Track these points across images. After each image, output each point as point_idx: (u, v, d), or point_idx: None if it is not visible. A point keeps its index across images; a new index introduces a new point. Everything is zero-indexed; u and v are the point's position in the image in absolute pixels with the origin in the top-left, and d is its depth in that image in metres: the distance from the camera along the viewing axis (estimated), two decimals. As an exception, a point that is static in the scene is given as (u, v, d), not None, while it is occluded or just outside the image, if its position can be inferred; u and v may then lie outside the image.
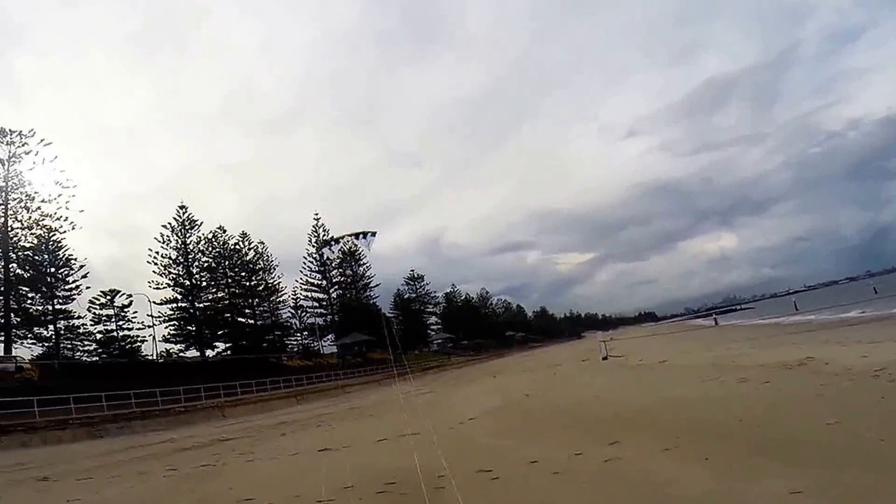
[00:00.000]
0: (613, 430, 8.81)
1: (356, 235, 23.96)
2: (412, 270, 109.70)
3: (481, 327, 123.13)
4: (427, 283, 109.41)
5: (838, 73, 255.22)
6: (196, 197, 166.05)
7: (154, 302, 58.45)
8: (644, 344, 41.14)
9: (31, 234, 47.78)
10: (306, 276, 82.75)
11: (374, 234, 23.93)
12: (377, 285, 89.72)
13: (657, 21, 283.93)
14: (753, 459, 5.97)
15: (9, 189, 46.24)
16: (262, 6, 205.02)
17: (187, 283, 62.51)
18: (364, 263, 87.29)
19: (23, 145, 46.72)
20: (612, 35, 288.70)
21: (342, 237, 35.06)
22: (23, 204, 47.06)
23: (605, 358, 29.17)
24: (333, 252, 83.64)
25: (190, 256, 63.48)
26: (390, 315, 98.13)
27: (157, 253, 61.53)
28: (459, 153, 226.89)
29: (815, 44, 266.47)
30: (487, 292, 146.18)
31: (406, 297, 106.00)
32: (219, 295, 66.28)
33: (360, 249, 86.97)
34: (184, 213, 63.82)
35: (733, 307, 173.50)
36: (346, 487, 7.56)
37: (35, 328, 47.69)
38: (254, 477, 9.83)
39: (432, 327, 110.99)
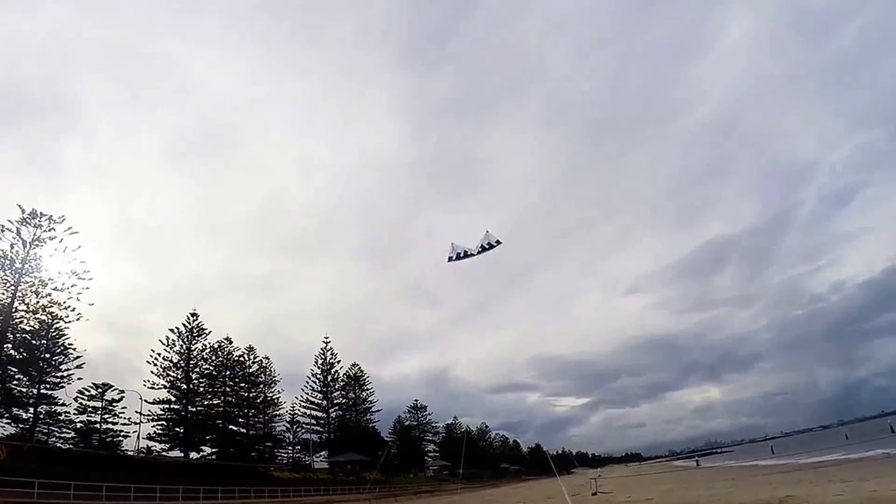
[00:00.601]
0: None
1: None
2: (416, 400, 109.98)
3: (478, 458, 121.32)
4: (429, 413, 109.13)
5: (829, 236, 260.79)
6: (208, 303, 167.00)
7: (146, 401, 56.77)
8: (630, 482, 42.12)
9: (35, 318, 46.63)
10: (307, 394, 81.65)
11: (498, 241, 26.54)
12: (379, 410, 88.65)
13: (666, 183, 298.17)
14: None
15: (24, 272, 45.58)
16: (304, 126, 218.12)
17: (184, 387, 60.83)
18: (368, 388, 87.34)
19: (49, 230, 46.59)
20: (624, 195, 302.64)
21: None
22: (34, 288, 46.29)
23: (594, 493, 29.60)
24: (338, 374, 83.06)
25: (192, 362, 62.40)
26: (388, 439, 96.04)
27: (159, 355, 60.33)
28: (473, 297, 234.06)
29: (810, 207, 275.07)
30: (486, 426, 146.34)
31: (407, 423, 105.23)
32: (214, 402, 64.65)
33: (366, 375, 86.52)
34: (193, 320, 63.38)
35: (714, 450, 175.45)
36: None
37: (14, 409, 45.79)
38: None
39: (430, 454, 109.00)
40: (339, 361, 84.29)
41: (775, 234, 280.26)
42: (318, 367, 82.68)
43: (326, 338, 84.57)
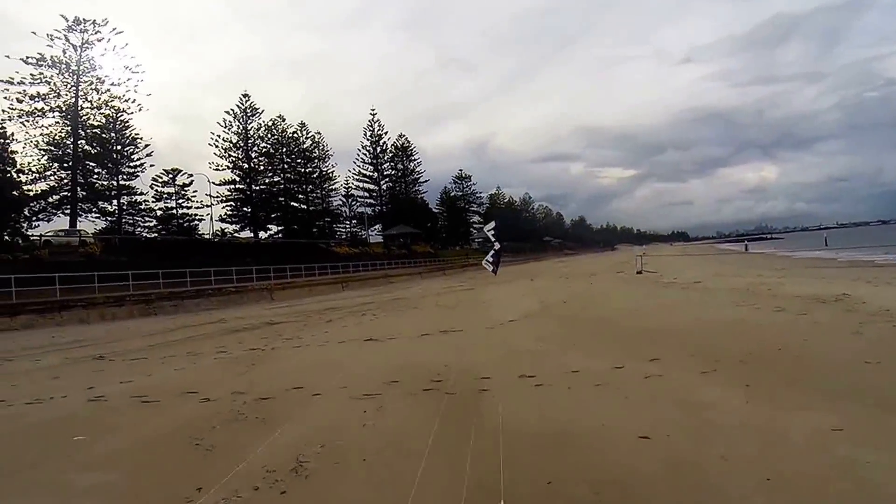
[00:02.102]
0: (652, 346, 8.78)
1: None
2: (460, 170, 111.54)
3: (521, 230, 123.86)
4: (474, 184, 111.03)
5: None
6: (258, 88, 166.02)
7: (213, 183, 61.06)
8: (676, 262, 41.45)
9: (100, 113, 49.67)
10: (359, 167, 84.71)
11: None
12: (426, 181, 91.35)
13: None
14: (793, 391, 5.88)
15: (80, 72, 47.94)
16: None
17: (246, 166, 64.62)
18: (415, 159, 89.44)
19: (95, 33, 48.42)
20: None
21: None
22: (93, 86, 49.03)
23: (639, 272, 29.33)
24: (386, 146, 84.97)
25: (249, 141, 65.56)
26: (436, 211, 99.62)
27: (219, 137, 64.08)
28: (514, 64, 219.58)
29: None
30: (530, 197, 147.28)
31: (452, 194, 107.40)
32: (275, 179, 68.33)
33: (412, 146, 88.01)
34: (246, 101, 65.58)
35: (764, 235, 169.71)
36: (393, 381, 7.68)
37: (100, 202, 50.12)
38: (301, 364, 10.03)
39: (475, 226, 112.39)
40: (386, 133, 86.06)
41: (852, 12, 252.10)
42: (367, 139, 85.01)
43: (373, 110, 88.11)
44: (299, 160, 72.52)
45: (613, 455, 4.50)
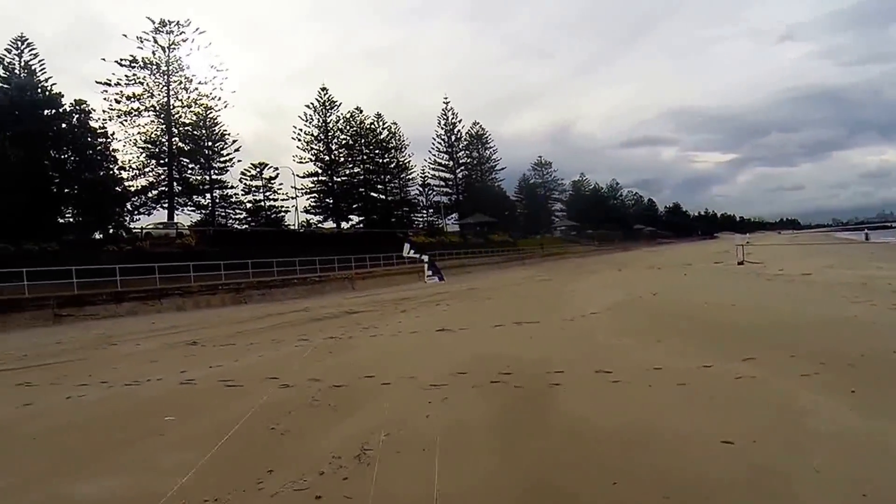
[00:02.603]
0: (747, 344, 8.32)
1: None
2: (539, 157, 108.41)
3: (608, 218, 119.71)
4: (555, 170, 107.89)
5: None
6: (335, 80, 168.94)
7: (297, 175, 62.65)
8: (784, 252, 39.05)
9: (191, 111, 51.88)
10: (434, 156, 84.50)
11: None
12: (503, 169, 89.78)
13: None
14: (909, 400, 5.37)
15: (170, 72, 50.24)
16: None
17: (327, 158, 65.98)
18: (490, 147, 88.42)
19: (180, 33, 50.45)
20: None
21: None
22: (182, 85, 51.13)
23: (740, 263, 27.96)
24: (461, 134, 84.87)
25: (330, 134, 66.79)
26: (514, 199, 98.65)
27: (301, 130, 65.66)
28: (591, 47, 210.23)
29: None
30: (617, 183, 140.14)
31: (531, 182, 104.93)
32: (354, 170, 69.22)
33: (487, 133, 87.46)
34: (325, 94, 66.84)
35: (888, 223, 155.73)
36: (460, 373, 7.70)
37: (194, 196, 52.50)
38: (375, 353, 10.21)
39: (556, 214, 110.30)
40: (460, 121, 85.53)
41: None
42: (441, 128, 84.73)
43: (446, 99, 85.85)
44: (377, 151, 72.96)
45: (690, 459, 4.32)
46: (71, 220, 35.88)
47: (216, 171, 53.71)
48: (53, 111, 34.43)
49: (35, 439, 5.75)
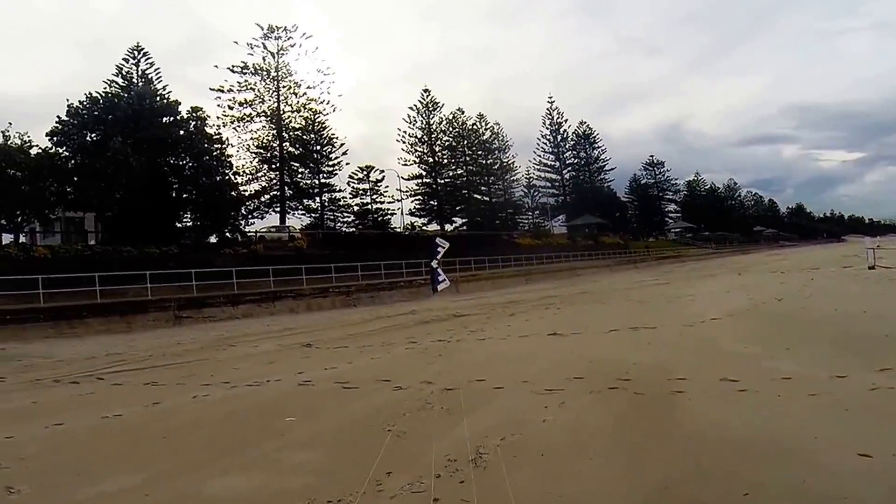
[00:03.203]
0: (884, 352, 7.77)
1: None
2: (651, 156, 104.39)
3: (725, 220, 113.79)
4: (668, 170, 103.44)
5: None
6: (436, 82, 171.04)
7: (402, 177, 63.48)
8: None
9: (300, 116, 53.67)
10: (539, 156, 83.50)
11: None
12: (612, 169, 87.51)
13: None
14: None
15: (279, 77, 52.27)
16: None
17: (430, 160, 66.69)
18: (599, 146, 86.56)
19: (288, 39, 52.38)
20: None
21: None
22: (291, 90, 53.04)
23: (871, 267, 26.32)
24: (567, 134, 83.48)
25: (433, 136, 67.50)
26: (625, 200, 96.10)
27: (405, 132, 66.60)
28: (705, 42, 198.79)
29: None
30: (735, 183, 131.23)
31: (643, 182, 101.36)
32: (458, 172, 69.52)
33: (595, 133, 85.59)
34: (427, 96, 67.69)
35: None
36: (576, 378, 7.50)
37: (304, 200, 54.22)
38: (484, 356, 10.19)
39: (670, 215, 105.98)
40: (566, 120, 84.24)
41: None
42: (547, 128, 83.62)
43: (551, 97, 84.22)
44: (480, 152, 72.63)
45: (825, 472, 4.02)
46: (189, 224, 37.87)
47: (325, 175, 55.17)
48: (171, 118, 36.34)
49: (165, 437, 6.03)
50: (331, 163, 55.29)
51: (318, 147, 54.34)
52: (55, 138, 31.90)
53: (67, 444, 5.95)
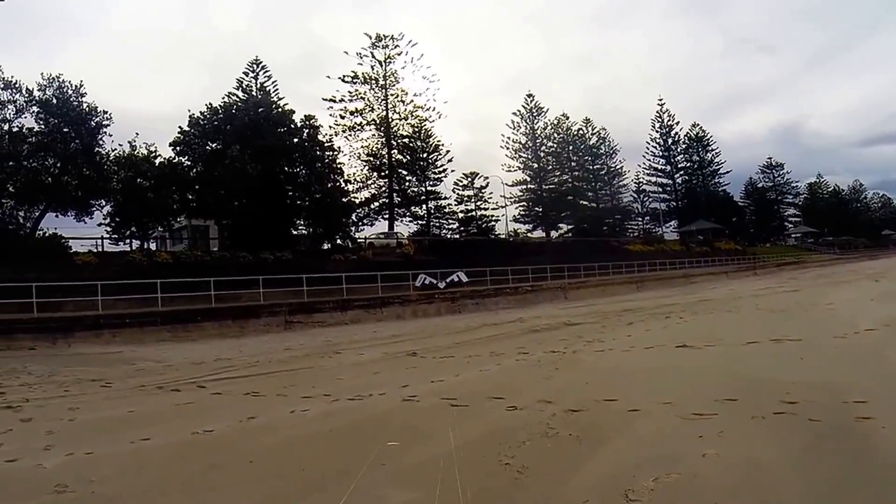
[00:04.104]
0: None
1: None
2: (769, 158, 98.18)
3: (850, 224, 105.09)
4: (787, 172, 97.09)
5: None
6: (538, 88, 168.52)
7: (506, 184, 62.76)
8: None
9: (407, 123, 54.22)
10: (649, 160, 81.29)
11: None
12: (727, 172, 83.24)
13: None
14: None
15: (387, 86, 53.11)
16: None
17: (535, 166, 65.77)
18: (712, 149, 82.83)
19: (395, 47, 53.26)
20: None
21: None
22: (399, 98, 53.71)
23: None
24: (678, 137, 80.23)
25: (537, 141, 66.65)
26: (741, 204, 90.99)
27: (509, 138, 66.17)
28: (823, 37, 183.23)
29: None
30: (861, 185, 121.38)
31: (759, 185, 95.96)
32: (563, 178, 68.13)
33: (708, 135, 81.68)
34: (531, 101, 66.97)
35: None
36: (728, 399, 6.41)
37: (412, 207, 54.63)
38: (608, 371, 9.21)
39: (790, 220, 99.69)
40: (677, 123, 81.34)
41: None
42: (657, 131, 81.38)
43: (661, 100, 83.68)
44: (586, 157, 71.80)
45: None
46: (303, 230, 38.64)
47: (431, 182, 55.56)
48: (286, 127, 37.25)
49: (251, 462, 5.38)
50: (437, 170, 55.74)
51: (425, 154, 54.82)
52: (177, 148, 33.48)
53: (145, 466, 5.43)
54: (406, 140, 53.78)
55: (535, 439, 5.48)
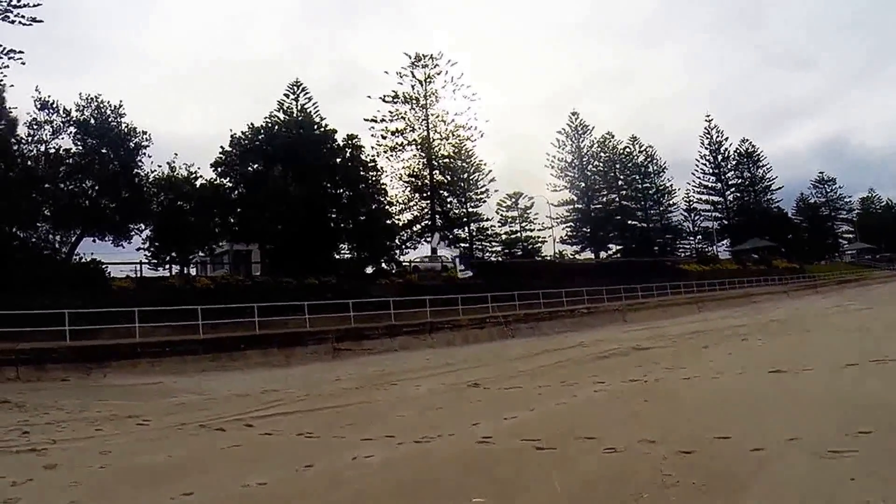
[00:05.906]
0: None
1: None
2: (820, 173, 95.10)
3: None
4: (840, 187, 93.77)
5: None
6: (579, 107, 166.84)
7: (552, 204, 61.72)
8: None
9: (448, 143, 53.42)
10: (699, 178, 79.08)
11: None
12: (779, 188, 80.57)
13: None
14: None
15: (428, 105, 52.60)
16: None
17: (582, 184, 64.98)
18: (763, 165, 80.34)
19: (434, 66, 52.83)
20: None
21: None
22: (440, 118, 53.01)
23: None
24: (728, 153, 78.25)
25: (584, 160, 66.01)
26: (795, 221, 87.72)
27: (554, 157, 65.59)
28: (867, 48, 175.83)
29: None
30: None
31: (811, 201, 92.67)
32: (611, 197, 67.26)
33: (759, 150, 79.47)
34: (576, 119, 66.60)
35: None
36: (861, 432, 5.42)
37: (454, 229, 53.81)
38: (703, 401, 8.21)
39: (844, 236, 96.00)
40: (726, 139, 79.26)
41: None
42: (706, 148, 79.34)
43: (708, 116, 79.90)
44: (634, 176, 70.68)
45: None
46: (347, 254, 37.79)
47: (473, 204, 55.16)
48: (328, 147, 36.44)
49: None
50: (479, 190, 55.51)
51: (466, 175, 54.53)
52: (219, 169, 32.93)
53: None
54: (447, 160, 53.26)
55: (654, 490, 4.49)
